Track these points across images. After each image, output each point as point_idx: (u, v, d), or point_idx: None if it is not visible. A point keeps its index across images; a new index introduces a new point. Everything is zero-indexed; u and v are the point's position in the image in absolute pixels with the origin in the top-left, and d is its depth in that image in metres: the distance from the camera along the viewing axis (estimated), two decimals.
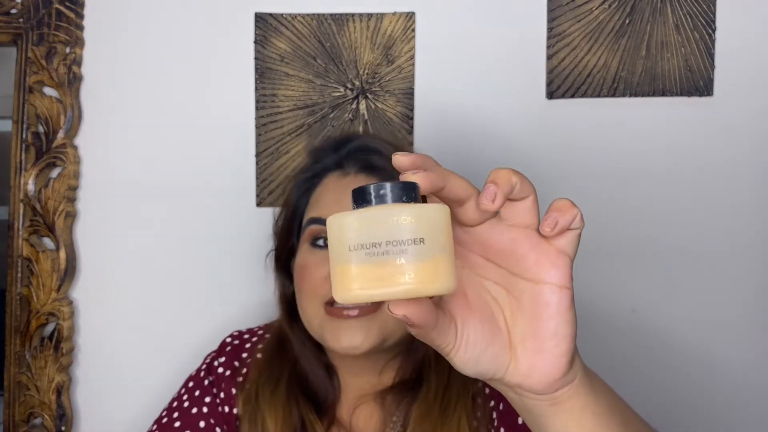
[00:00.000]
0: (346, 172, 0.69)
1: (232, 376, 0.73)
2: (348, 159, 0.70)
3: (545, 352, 0.37)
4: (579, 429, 0.39)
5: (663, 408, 0.96)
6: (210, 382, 0.74)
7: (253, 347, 0.76)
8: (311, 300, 0.65)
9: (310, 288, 0.65)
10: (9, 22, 0.98)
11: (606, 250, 0.96)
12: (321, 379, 0.70)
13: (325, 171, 0.71)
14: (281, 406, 0.67)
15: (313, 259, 0.66)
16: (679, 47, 0.95)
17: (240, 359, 0.75)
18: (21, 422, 0.97)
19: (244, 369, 0.73)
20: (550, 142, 0.97)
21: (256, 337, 0.77)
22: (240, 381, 0.72)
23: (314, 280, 0.65)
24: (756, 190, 0.95)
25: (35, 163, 0.97)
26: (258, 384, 0.69)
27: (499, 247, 0.38)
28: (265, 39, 0.98)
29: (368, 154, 0.69)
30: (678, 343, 0.96)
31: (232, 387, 0.72)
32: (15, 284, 0.97)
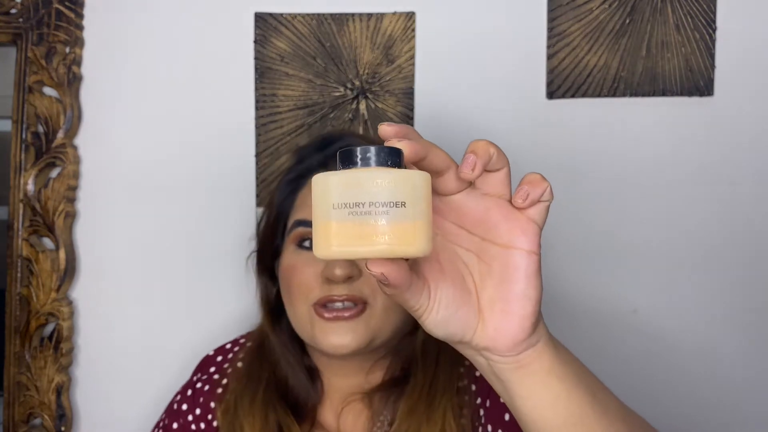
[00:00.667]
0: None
1: (212, 389, 0.73)
2: (333, 159, 0.69)
3: (511, 314, 0.39)
4: (546, 393, 0.41)
5: (663, 407, 0.95)
6: (183, 400, 0.74)
7: (234, 356, 0.75)
8: (301, 301, 0.65)
9: (299, 289, 0.65)
10: (9, 22, 0.98)
11: (606, 250, 0.96)
12: (302, 382, 0.70)
13: (310, 171, 0.70)
14: (259, 414, 0.67)
15: (301, 259, 0.66)
16: (679, 47, 0.95)
17: (221, 370, 0.75)
18: (20, 422, 0.97)
19: (225, 380, 0.73)
20: (550, 142, 0.97)
21: (238, 346, 0.77)
22: (220, 393, 0.72)
23: (303, 281, 0.65)
24: (756, 190, 0.95)
25: (35, 163, 0.97)
26: (236, 393, 0.69)
27: (473, 215, 0.40)
28: (265, 39, 0.98)
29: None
30: (679, 344, 0.96)
31: (211, 401, 0.72)
32: (15, 284, 0.96)
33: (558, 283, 0.97)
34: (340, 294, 0.63)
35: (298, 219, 0.68)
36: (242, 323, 0.97)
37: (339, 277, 0.62)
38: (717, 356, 0.95)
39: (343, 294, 0.63)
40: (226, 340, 0.95)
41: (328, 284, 0.63)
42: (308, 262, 0.65)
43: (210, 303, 0.99)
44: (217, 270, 0.99)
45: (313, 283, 0.64)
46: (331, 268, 0.62)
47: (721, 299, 0.95)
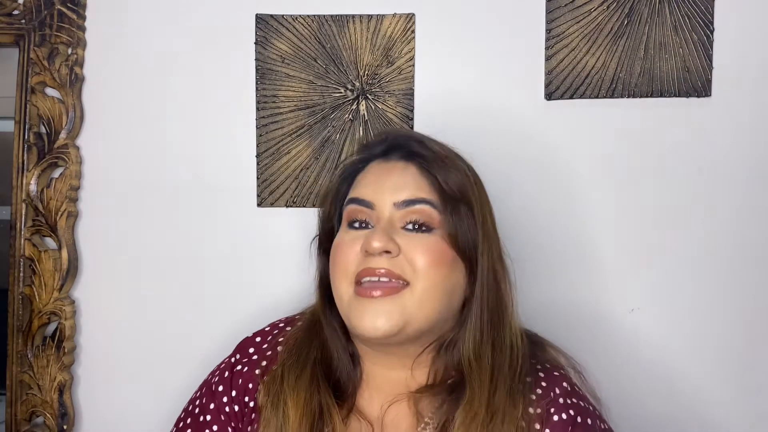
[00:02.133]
0: (389, 159, 0.71)
1: (252, 369, 0.74)
2: (392, 147, 0.72)
3: None
4: None
5: (662, 406, 0.96)
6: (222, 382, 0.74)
7: (273, 339, 0.76)
8: (342, 277, 0.67)
9: (341, 265, 0.67)
10: (11, 23, 0.98)
11: (605, 250, 0.97)
12: (344, 365, 0.71)
13: (371, 159, 0.73)
14: (303, 391, 0.68)
15: (348, 237, 0.68)
16: (677, 48, 0.95)
17: (260, 352, 0.76)
18: (23, 421, 0.97)
19: (264, 362, 0.74)
20: (549, 143, 0.97)
21: (277, 329, 0.78)
22: (259, 373, 0.73)
23: (346, 257, 0.67)
24: (754, 190, 0.95)
25: (37, 164, 0.97)
26: (284, 367, 0.71)
27: None
28: (266, 40, 0.99)
29: (410, 141, 0.71)
30: (677, 343, 0.96)
31: (250, 381, 0.73)
32: (17, 284, 0.97)
33: (557, 283, 0.97)
34: (378, 266, 0.64)
35: (351, 197, 0.70)
36: (242, 322, 0.97)
37: (376, 248, 0.64)
38: (716, 356, 0.96)
39: (381, 267, 0.64)
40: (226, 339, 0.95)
41: (367, 258, 0.65)
42: (353, 239, 0.67)
43: (210, 302, 1.00)
44: (218, 270, 1.00)
45: (354, 257, 0.66)
46: (370, 240, 0.64)
47: (720, 299, 0.96)
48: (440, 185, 0.68)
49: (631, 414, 0.94)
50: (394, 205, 0.67)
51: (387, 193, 0.67)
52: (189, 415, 0.75)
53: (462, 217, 0.67)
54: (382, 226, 0.66)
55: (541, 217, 0.97)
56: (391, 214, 0.67)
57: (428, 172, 0.68)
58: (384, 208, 0.67)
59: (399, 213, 0.67)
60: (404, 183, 0.68)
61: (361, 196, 0.68)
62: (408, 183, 0.68)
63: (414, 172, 0.69)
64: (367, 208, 0.67)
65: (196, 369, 0.95)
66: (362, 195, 0.69)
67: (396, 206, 0.67)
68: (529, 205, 0.97)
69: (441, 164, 0.69)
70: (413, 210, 0.66)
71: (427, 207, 0.66)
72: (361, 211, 0.68)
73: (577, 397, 0.69)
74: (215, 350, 0.96)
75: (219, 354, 0.81)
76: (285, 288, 0.98)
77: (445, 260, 0.66)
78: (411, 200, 0.67)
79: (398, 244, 0.65)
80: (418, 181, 0.68)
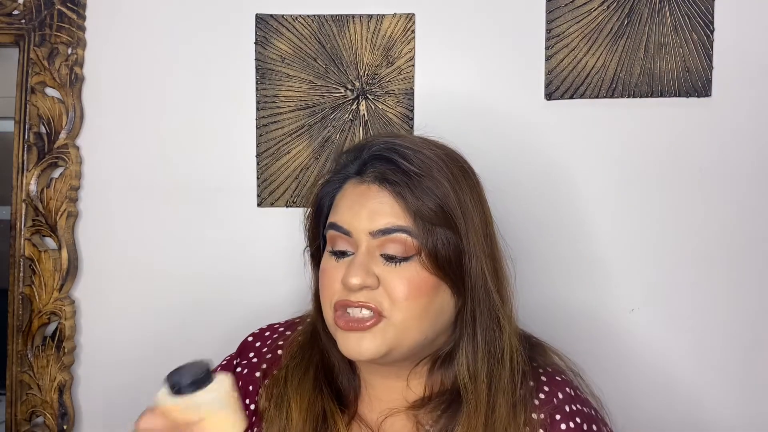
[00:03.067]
0: (363, 180, 0.69)
1: (252, 372, 0.74)
2: (366, 166, 0.69)
3: None
4: None
5: (661, 406, 0.96)
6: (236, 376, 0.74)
7: (273, 343, 0.76)
8: (328, 304, 0.67)
9: (327, 292, 0.67)
10: (11, 23, 0.98)
11: (605, 250, 0.97)
12: (345, 372, 0.72)
13: (346, 176, 0.71)
14: (307, 394, 0.68)
15: (331, 265, 0.67)
16: (677, 48, 0.95)
17: (260, 355, 0.76)
18: (23, 421, 0.97)
19: (264, 365, 0.74)
20: (549, 143, 0.97)
21: (277, 333, 0.78)
22: (259, 376, 0.73)
23: (331, 286, 0.66)
24: (754, 191, 0.95)
25: (37, 164, 0.97)
26: (288, 369, 0.71)
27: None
28: (266, 40, 0.99)
29: (384, 162, 0.68)
30: (677, 343, 0.97)
31: (251, 384, 0.73)
32: (17, 284, 0.97)
33: (556, 283, 0.97)
34: (356, 300, 0.64)
35: (331, 221, 0.69)
36: (242, 321, 0.97)
37: (354, 285, 0.63)
38: (716, 356, 0.96)
39: (359, 300, 0.64)
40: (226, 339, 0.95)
41: (347, 291, 0.64)
42: (335, 268, 0.66)
43: (210, 302, 1.00)
44: (218, 269, 1.00)
45: (336, 288, 0.66)
46: (348, 276, 0.63)
47: (721, 299, 0.96)
48: (414, 211, 0.65)
49: (630, 414, 0.94)
50: (369, 234, 0.65)
51: (363, 220, 0.65)
52: None
53: (442, 237, 0.65)
54: (360, 259, 0.64)
55: (541, 217, 0.97)
56: (368, 243, 0.65)
57: (402, 197, 0.65)
58: (361, 237, 0.65)
59: (375, 242, 0.65)
60: (379, 209, 0.65)
61: (339, 223, 0.67)
62: (383, 210, 0.65)
63: (388, 197, 0.66)
64: (346, 236, 0.66)
65: None
66: (341, 222, 0.67)
67: (372, 235, 0.65)
68: (529, 205, 0.97)
69: (416, 186, 0.65)
70: (390, 239, 0.64)
71: (403, 235, 0.64)
72: (340, 237, 0.67)
73: (581, 403, 0.68)
74: (215, 350, 0.95)
75: (219, 354, 0.81)
76: (285, 287, 0.98)
77: (425, 289, 0.64)
78: (387, 229, 0.64)
79: (377, 275, 0.64)
80: (393, 207, 0.65)
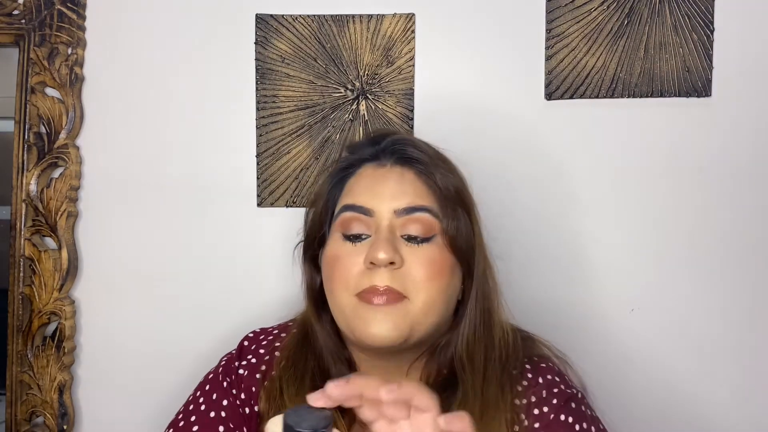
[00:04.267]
0: (382, 163, 0.70)
1: (252, 374, 0.73)
2: (384, 152, 0.71)
3: None
4: None
5: (661, 406, 0.96)
6: (229, 383, 0.73)
7: (270, 345, 0.75)
8: (343, 292, 0.66)
9: (343, 281, 0.66)
10: (11, 23, 0.98)
11: (605, 250, 0.97)
12: (343, 374, 0.70)
13: (361, 162, 0.71)
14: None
15: (346, 250, 0.66)
16: (677, 48, 0.95)
17: (258, 357, 0.75)
18: (23, 421, 0.97)
19: (263, 366, 0.73)
20: (549, 143, 0.97)
21: (272, 336, 0.77)
22: (259, 378, 0.72)
23: (348, 274, 0.65)
24: (754, 190, 0.95)
25: (37, 164, 0.97)
26: (282, 380, 0.69)
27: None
28: (266, 40, 0.99)
29: (404, 146, 0.70)
30: (676, 343, 0.97)
31: (252, 386, 0.72)
32: (17, 284, 0.97)
33: (556, 282, 0.97)
34: (381, 284, 0.63)
35: (346, 204, 0.68)
36: (242, 322, 0.97)
37: (382, 260, 0.63)
38: (714, 355, 0.96)
39: (384, 284, 0.63)
40: (226, 339, 0.95)
41: (371, 271, 0.64)
42: (353, 253, 0.66)
43: (210, 302, 1.00)
44: (218, 269, 1.00)
45: (356, 271, 0.65)
46: (375, 251, 0.63)
47: (720, 299, 0.96)
48: (439, 190, 0.67)
49: (630, 414, 0.94)
50: (394, 212, 0.66)
51: (386, 200, 0.66)
52: (192, 413, 0.72)
53: (460, 221, 0.67)
54: (385, 235, 0.65)
55: (540, 217, 0.97)
56: (391, 222, 0.66)
57: (426, 177, 0.68)
58: (383, 215, 0.66)
59: (399, 221, 0.66)
60: (403, 189, 0.67)
61: (359, 203, 0.67)
62: (407, 190, 0.67)
63: (412, 177, 0.68)
64: (365, 216, 0.66)
65: (196, 369, 0.95)
66: (360, 202, 0.67)
67: (396, 214, 0.66)
68: (529, 205, 0.97)
69: (437, 168, 0.68)
70: (413, 218, 0.65)
71: (426, 215, 0.66)
72: (357, 218, 0.66)
73: (564, 385, 0.69)
74: (215, 350, 0.96)
75: (219, 354, 0.81)
76: (285, 288, 0.98)
77: (445, 270, 0.65)
78: (412, 208, 0.66)
79: (401, 255, 0.64)
80: (417, 187, 0.67)
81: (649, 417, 0.96)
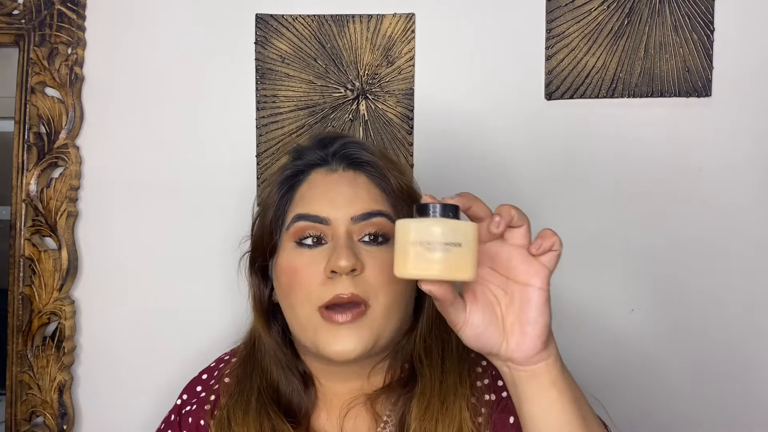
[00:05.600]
0: (333, 168, 0.69)
1: (199, 407, 0.72)
2: (334, 156, 0.70)
3: (527, 334, 0.52)
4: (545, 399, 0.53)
5: (661, 406, 0.96)
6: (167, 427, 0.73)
7: (220, 373, 0.74)
8: (304, 304, 0.64)
9: (304, 292, 0.64)
10: (11, 23, 0.98)
11: (605, 250, 0.97)
12: (294, 387, 0.70)
13: (310, 168, 0.70)
14: (253, 424, 0.66)
15: (302, 260, 0.65)
16: (677, 48, 0.95)
17: (207, 388, 0.74)
18: (23, 421, 0.97)
19: (212, 396, 0.72)
20: (549, 143, 0.97)
21: (223, 363, 0.76)
22: (208, 409, 0.71)
23: (309, 285, 0.64)
24: (754, 191, 0.95)
25: (37, 164, 0.97)
26: (228, 408, 0.68)
27: (500, 260, 0.54)
28: (266, 40, 0.99)
29: (354, 150, 0.70)
30: (676, 343, 0.97)
31: (200, 419, 0.71)
32: (17, 284, 0.97)
33: (556, 282, 0.97)
34: (344, 293, 0.62)
35: (298, 213, 0.67)
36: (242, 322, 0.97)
37: (344, 268, 0.62)
38: (714, 355, 0.96)
39: (347, 292, 0.62)
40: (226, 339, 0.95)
41: (333, 280, 0.63)
42: (311, 260, 0.65)
43: (210, 302, 1.00)
44: (218, 270, 1.00)
45: (316, 281, 0.64)
46: (337, 259, 0.62)
47: (720, 298, 0.96)
48: (394, 193, 0.67)
49: (630, 414, 0.94)
50: (351, 219, 0.65)
51: (341, 207, 0.65)
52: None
53: None
54: (344, 242, 0.64)
55: (540, 217, 0.97)
56: (348, 229, 0.65)
57: (380, 179, 0.68)
58: (340, 223, 0.65)
59: (356, 227, 0.65)
60: (357, 195, 0.66)
61: (313, 212, 0.66)
62: (361, 195, 0.66)
63: (365, 181, 0.67)
64: (321, 224, 0.65)
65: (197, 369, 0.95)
66: (314, 210, 0.66)
67: (353, 220, 0.65)
68: (529, 205, 0.96)
69: (390, 171, 0.68)
70: (370, 223, 0.65)
71: (383, 219, 0.66)
72: (313, 227, 0.65)
73: None
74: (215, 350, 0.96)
75: (218, 354, 0.81)
76: None
77: None
78: (368, 213, 0.65)
79: (362, 261, 0.64)
80: (371, 191, 0.67)
81: (649, 417, 0.96)
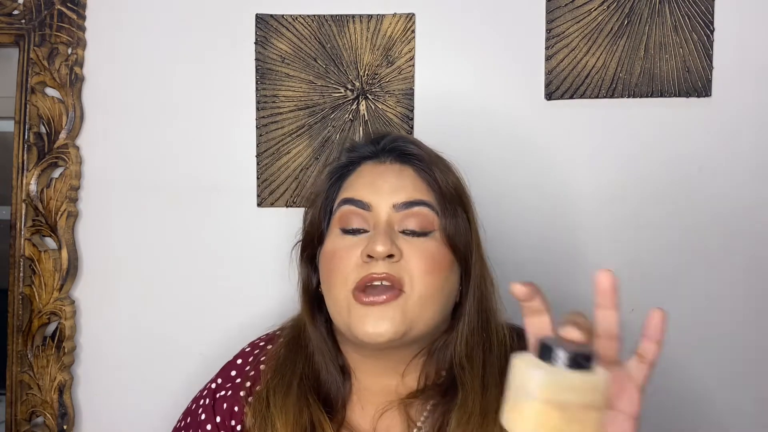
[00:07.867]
0: (382, 160, 0.70)
1: (235, 393, 0.72)
2: (383, 150, 0.71)
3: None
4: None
5: (661, 405, 0.96)
6: (203, 410, 0.73)
7: (255, 359, 0.75)
8: (341, 285, 0.65)
9: (340, 274, 0.65)
10: (11, 23, 0.98)
11: (605, 250, 0.97)
12: (333, 378, 0.70)
13: (360, 160, 0.72)
14: (292, 408, 0.66)
15: (344, 244, 0.66)
16: (677, 48, 0.95)
17: (243, 373, 0.74)
18: (23, 421, 0.97)
19: (248, 383, 0.72)
20: (549, 143, 0.97)
21: (258, 348, 0.76)
22: (243, 395, 0.71)
23: (345, 266, 0.65)
24: (754, 190, 0.96)
25: (37, 164, 0.97)
26: (269, 388, 0.69)
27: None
28: (266, 40, 0.99)
29: (403, 143, 0.71)
30: (676, 343, 0.96)
31: (234, 405, 0.71)
32: (17, 284, 0.97)
33: (555, 282, 0.97)
34: (379, 272, 0.62)
35: (345, 197, 0.68)
36: (242, 321, 0.98)
37: (380, 253, 0.62)
38: (717, 356, 0.96)
39: (382, 272, 0.62)
40: (227, 338, 0.95)
41: (368, 264, 0.63)
42: (351, 246, 0.65)
43: (210, 302, 1.00)
44: (219, 270, 1.00)
45: (353, 264, 0.64)
46: (373, 244, 0.63)
47: (720, 298, 0.96)
48: (438, 186, 0.67)
49: None
50: (393, 206, 0.65)
51: (385, 194, 0.66)
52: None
53: (458, 219, 0.67)
54: (383, 229, 0.64)
55: (541, 217, 0.97)
56: (390, 217, 0.65)
57: (425, 173, 0.68)
58: (381, 210, 0.66)
59: (397, 215, 0.65)
60: (402, 185, 0.67)
61: (357, 197, 0.67)
62: (406, 185, 0.67)
63: (411, 173, 0.68)
64: (364, 210, 0.66)
65: (197, 369, 0.95)
66: (358, 196, 0.67)
67: (395, 208, 0.65)
68: (529, 205, 0.97)
69: (436, 165, 0.68)
70: (412, 212, 0.65)
71: (425, 209, 0.66)
72: (356, 212, 0.66)
73: None
74: (215, 350, 0.96)
75: (219, 354, 0.81)
76: (285, 287, 0.97)
77: (443, 265, 0.65)
78: (410, 202, 0.66)
79: (400, 248, 0.64)
80: (416, 182, 0.67)
81: (649, 417, 0.96)
